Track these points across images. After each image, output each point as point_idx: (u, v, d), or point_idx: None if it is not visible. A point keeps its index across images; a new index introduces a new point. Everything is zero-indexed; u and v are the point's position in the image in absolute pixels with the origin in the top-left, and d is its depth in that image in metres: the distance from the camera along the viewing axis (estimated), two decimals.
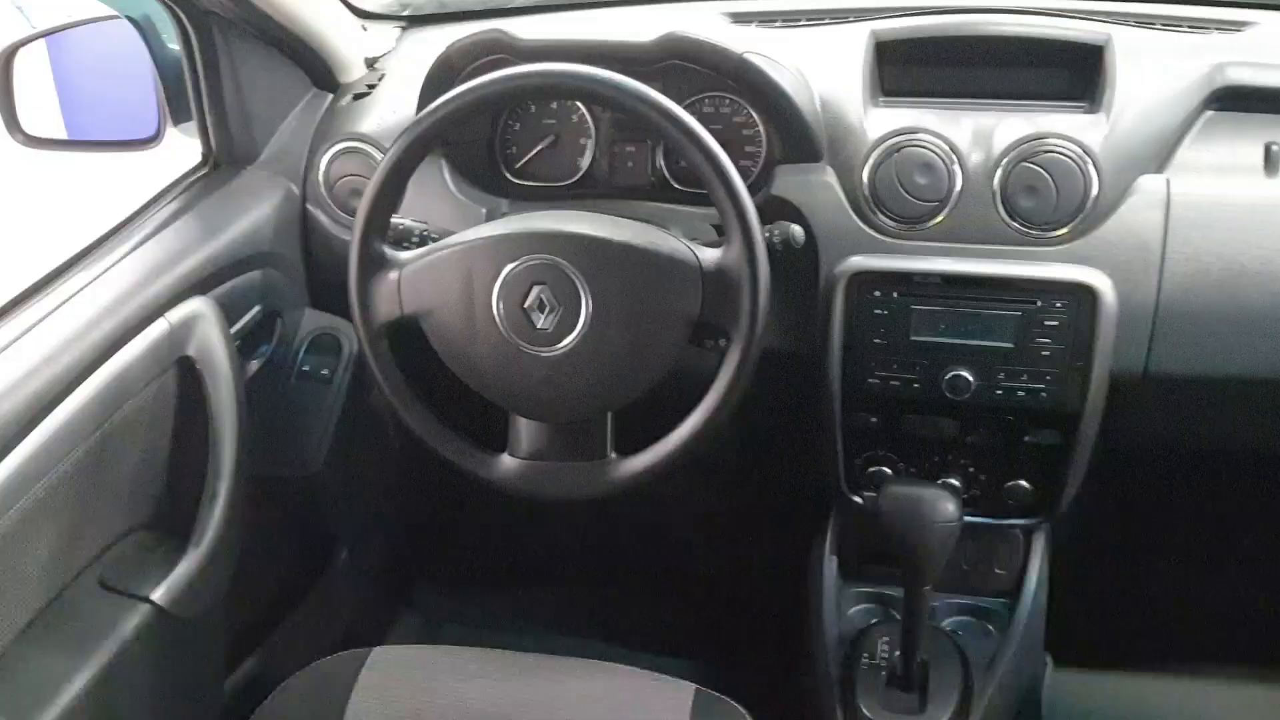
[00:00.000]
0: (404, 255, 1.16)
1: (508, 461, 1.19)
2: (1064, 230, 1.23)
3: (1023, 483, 1.34)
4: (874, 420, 1.34)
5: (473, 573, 2.03)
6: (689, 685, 1.15)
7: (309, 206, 1.48)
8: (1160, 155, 1.25)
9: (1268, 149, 1.25)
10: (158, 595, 1.18)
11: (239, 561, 1.29)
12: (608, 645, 1.85)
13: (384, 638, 1.84)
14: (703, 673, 1.22)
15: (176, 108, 1.43)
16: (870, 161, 1.27)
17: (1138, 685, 1.78)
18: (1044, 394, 1.26)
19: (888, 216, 1.27)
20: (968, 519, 1.23)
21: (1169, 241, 1.22)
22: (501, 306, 1.11)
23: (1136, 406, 1.32)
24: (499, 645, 1.21)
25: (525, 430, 1.18)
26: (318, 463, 1.47)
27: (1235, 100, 1.27)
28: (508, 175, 1.44)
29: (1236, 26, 1.37)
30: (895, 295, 1.26)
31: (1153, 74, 1.28)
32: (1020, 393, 1.26)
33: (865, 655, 1.34)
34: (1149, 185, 1.23)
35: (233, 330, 1.32)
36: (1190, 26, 1.37)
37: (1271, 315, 1.22)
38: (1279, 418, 1.40)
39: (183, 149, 1.48)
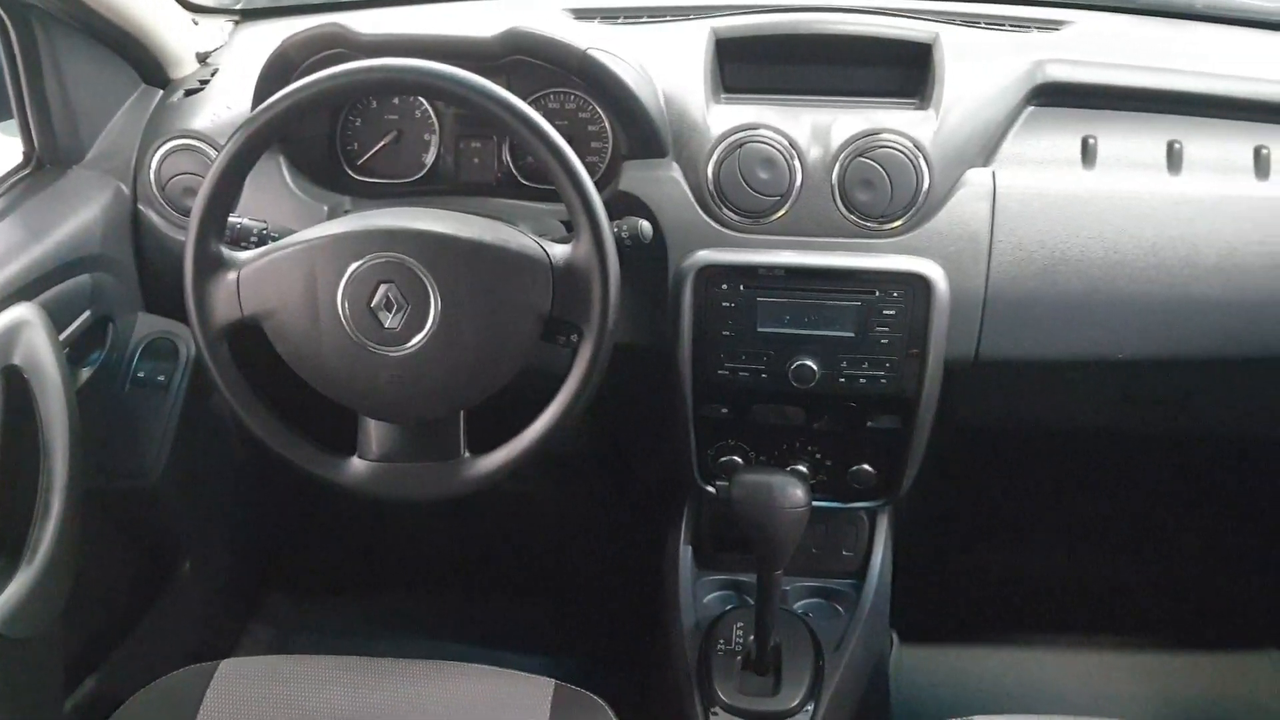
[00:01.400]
0: (242, 255, 1.13)
1: (358, 464, 1.17)
2: (898, 223, 1.28)
3: (866, 467, 1.39)
4: (724, 411, 1.37)
5: (324, 580, 1.99)
6: (548, 681, 1.15)
7: (140, 207, 1.42)
8: (986, 149, 1.31)
9: (1085, 142, 1.32)
10: None
11: (75, 578, 1.24)
12: (466, 647, 1.84)
13: (232, 650, 1.79)
14: (563, 668, 1.23)
15: None
16: (714, 157, 1.29)
17: (978, 657, 1.86)
18: (884, 380, 1.30)
19: (732, 211, 1.30)
20: (816, 504, 1.25)
21: (995, 232, 1.27)
22: (347, 306, 1.09)
23: (970, 390, 1.38)
24: (354, 653, 1.19)
25: (375, 432, 1.16)
26: (156, 472, 1.42)
27: (1055, 96, 1.34)
28: (349, 172, 1.42)
29: (1055, 25, 1.45)
30: (742, 288, 1.29)
31: (978, 71, 1.33)
32: (862, 380, 1.30)
33: (721, 641, 1.37)
34: (976, 178, 1.28)
35: (62, 337, 1.27)
36: (1012, 25, 1.44)
37: (1090, 300, 1.29)
38: (1102, 397, 1.49)
39: (2, 148, 1.41)
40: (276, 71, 1.31)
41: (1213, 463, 1.80)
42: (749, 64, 1.40)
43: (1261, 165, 1.32)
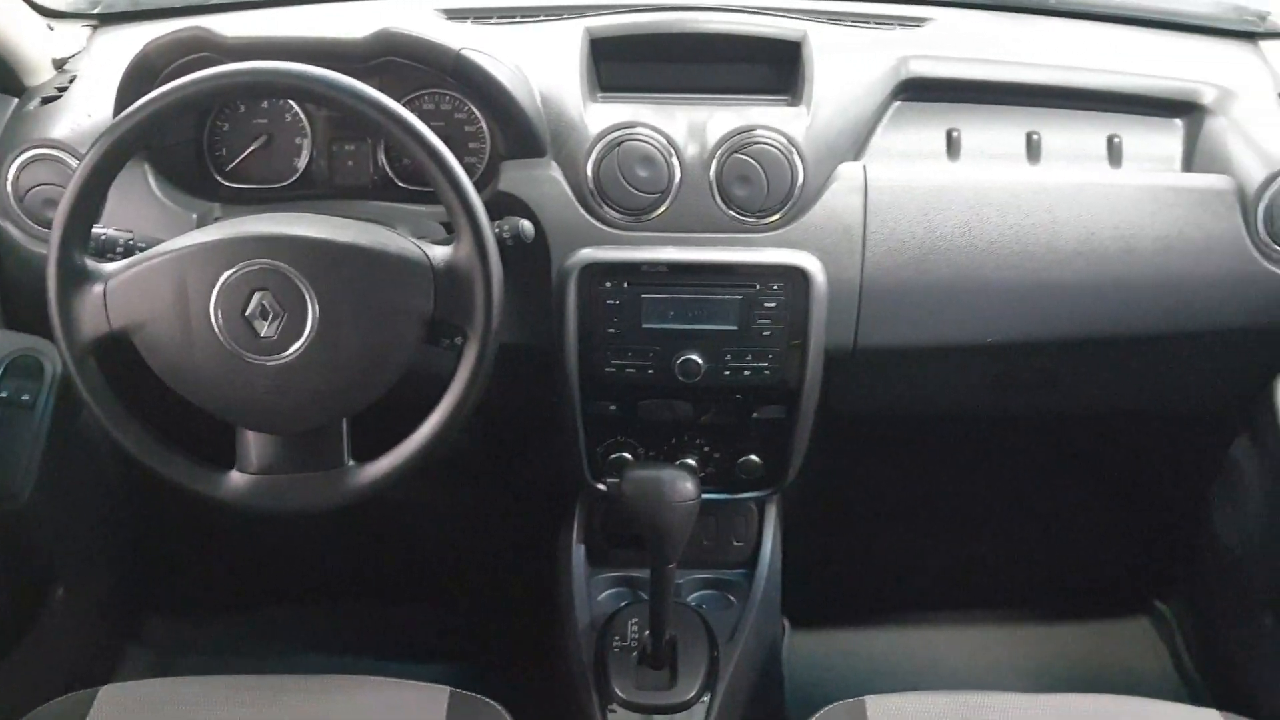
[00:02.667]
0: (109, 267, 1.09)
1: (237, 478, 1.14)
2: (776, 217, 1.30)
3: (753, 457, 1.41)
4: (612, 408, 1.37)
5: (207, 598, 1.93)
6: (443, 689, 1.14)
7: None
8: (857, 144, 1.35)
9: (949, 135, 1.37)
10: None
11: None
12: (358, 659, 1.81)
13: (111, 676, 1.73)
14: (458, 675, 1.22)
15: None
16: (593, 156, 1.30)
17: (867, 639, 1.91)
18: (767, 372, 1.32)
19: (613, 209, 1.30)
20: (705, 496, 1.27)
21: (868, 224, 1.31)
22: (220, 316, 1.07)
23: (851, 378, 1.42)
24: (240, 671, 1.16)
25: (254, 443, 1.13)
26: (23, 495, 1.37)
27: (919, 91, 1.38)
28: (218, 178, 1.38)
29: (917, 22, 1.49)
30: (625, 285, 1.30)
31: (846, 68, 1.37)
32: (746, 372, 1.32)
33: (616, 638, 1.37)
34: (848, 172, 1.32)
35: None
36: (876, 23, 1.48)
37: (959, 287, 1.33)
38: (975, 380, 1.54)
39: None
40: (138, 77, 1.27)
41: (1081, 439, 1.88)
42: (624, 63, 1.41)
43: (1114, 153, 1.38)
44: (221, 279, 1.06)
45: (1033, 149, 1.37)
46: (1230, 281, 1.36)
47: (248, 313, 1.07)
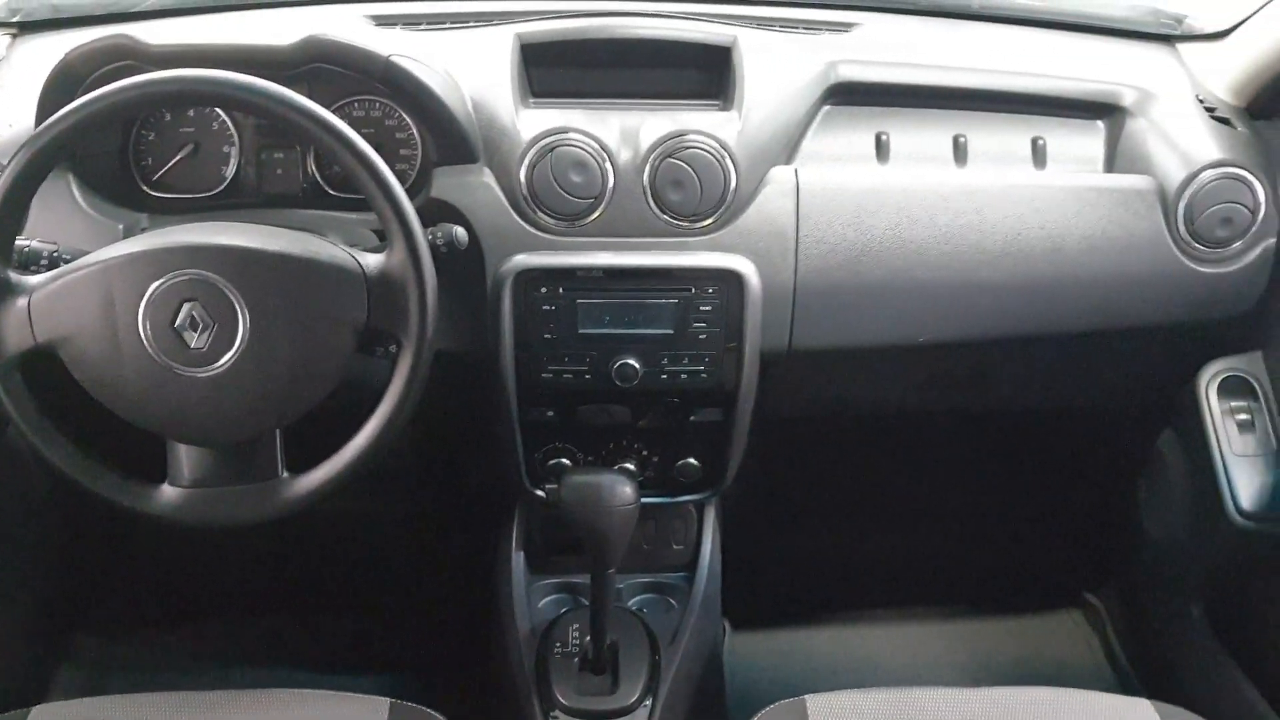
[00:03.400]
0: (33, 280, 1.07)
1: (169, 492, 1.12)
2: (709, 221, 1.31)
3: (692, 460, 1.42)
4: (550, 414, 1.38)
5: (140, 614, 1.90)
6: (383, 700, 1.13)
7: None
8: (788, 147, 1.36)
9: (878, 138, 1.39)
10: None
11: None
12: (296, 672, 1.79)
13: (44, 696, 1.69)
14: (399, 685, 1.21)
15: None
16: (526, 161, 1.29)
17: (805, 638, 1.92)
18: (704, 375, 1.33)
19: (547, 214, 1.30)
20: (645, 500, 1.28)
21: (801, 227, 1.32)
22: (149, 327, 1.05)
23: (786, 380, 1.43)
24: (176, 688, 1.14)
25: (186, 456, 1.12)
26: None
27: (848, 95, 1.40)
28: (145, 188, 1.36)
29: (844, 27, 1.51)
30: (561, 291, 1.30)
31: (776, 73, 1.38)
32: (683, 375, 1.33)
33: (558, 644, 1.37)
34: (780, 176, 1.33)
35: None
36: (805, 28, 1.49)
37: (891, 288, 1.35)
38: (908, 380, 1.56)
39: None
40: (61, 85, 1.24)
41: (1013, 436, 1.91)
42: (555, 68, 1.41)
43: (1039, 155, 1.41)
44: (149, 290, 1.05)
45: (960, 151, 1.40)
46: (1153, 279, 1.40)
47: (177, 324, 1.05)
